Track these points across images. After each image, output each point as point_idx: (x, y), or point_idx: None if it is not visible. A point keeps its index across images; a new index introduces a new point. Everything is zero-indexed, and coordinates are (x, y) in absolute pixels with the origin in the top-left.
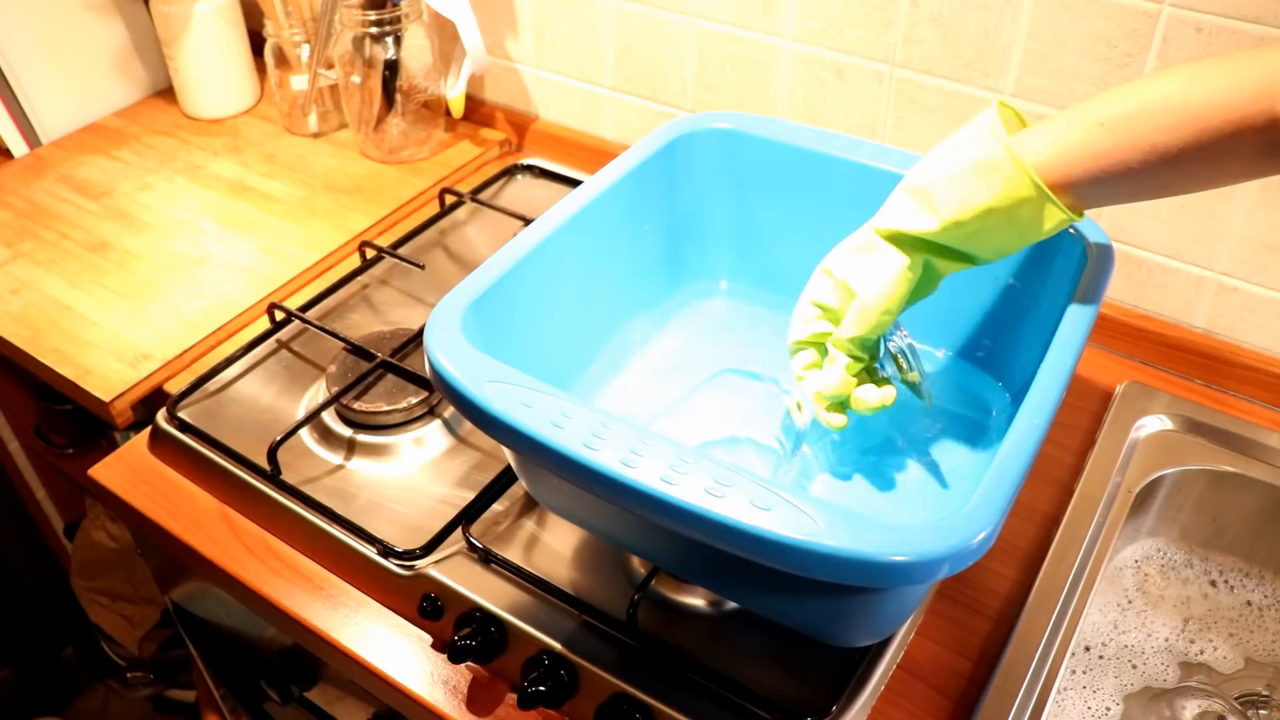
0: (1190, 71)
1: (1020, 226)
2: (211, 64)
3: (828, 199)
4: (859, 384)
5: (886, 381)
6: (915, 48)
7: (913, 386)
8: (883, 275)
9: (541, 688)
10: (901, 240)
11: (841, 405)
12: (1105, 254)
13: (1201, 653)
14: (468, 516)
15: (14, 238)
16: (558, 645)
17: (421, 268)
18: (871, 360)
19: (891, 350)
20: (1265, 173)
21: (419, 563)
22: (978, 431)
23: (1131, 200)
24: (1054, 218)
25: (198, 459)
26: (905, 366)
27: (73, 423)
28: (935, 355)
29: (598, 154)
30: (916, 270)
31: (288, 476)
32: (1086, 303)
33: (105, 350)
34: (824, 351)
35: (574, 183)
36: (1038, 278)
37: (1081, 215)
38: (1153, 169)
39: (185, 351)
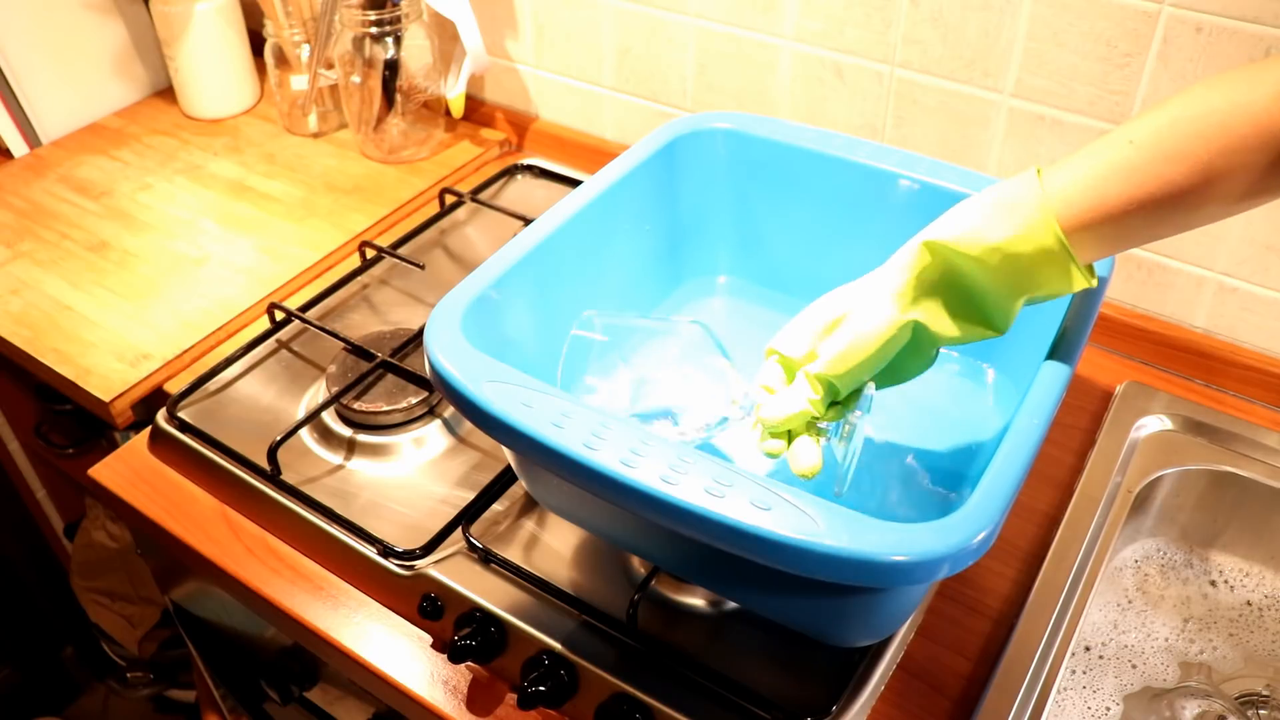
0: (1207, 84)
1: (1034, 276)
2: (211, 64)
3: (827, 199)
4: (807, 429)
5: (820, 433)
6: (915, 48)
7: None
8: (873, 319)
9: (541, 688)
10: (936, 251)
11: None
12: None
13: (1201, 653)
14: (468, 516)
15: (14, 238)
16: (558, 645)
17: (421, 268)
18: (827, 416)
19: (850, 420)
20: (1272, 190)
21: (419, 563)
22: (977, 432)
23: (1163, 232)
24: (1077, 280)
25: (198, 459)
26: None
27: (73, 423)
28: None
29: (598, 154)
30: (906, 332)
31: (288, 476)
32: (1086, 303)
33: (105, 350)
34: (791, 377)
35: (574, 183)
36: None
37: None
38: (1189, 185)
39: (185, 351)
